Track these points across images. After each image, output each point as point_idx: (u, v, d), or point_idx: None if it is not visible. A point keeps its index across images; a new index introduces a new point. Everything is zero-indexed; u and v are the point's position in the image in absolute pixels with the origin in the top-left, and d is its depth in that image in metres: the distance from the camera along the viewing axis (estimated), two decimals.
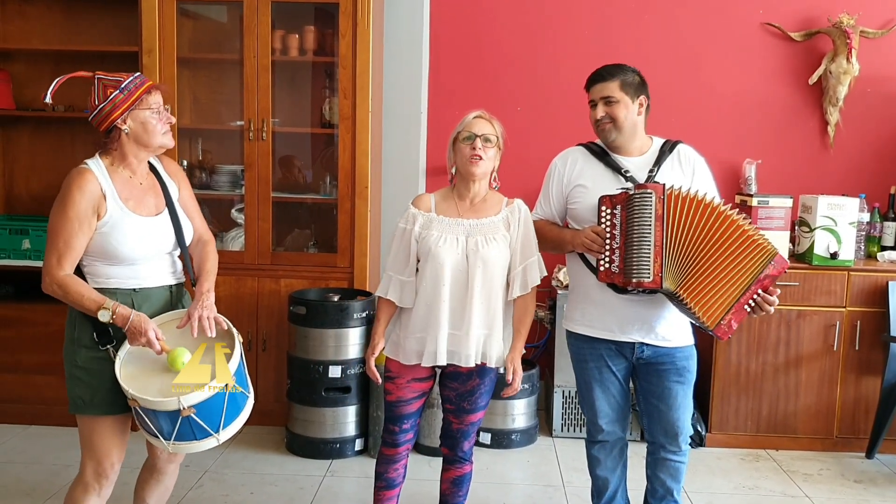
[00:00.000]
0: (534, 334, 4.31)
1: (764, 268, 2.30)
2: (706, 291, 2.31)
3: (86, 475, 2.30)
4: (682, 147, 2.54)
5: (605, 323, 2.51)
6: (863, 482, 3.54)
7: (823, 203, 3.74)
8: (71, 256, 2.20)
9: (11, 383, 3.86)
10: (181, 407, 2.11)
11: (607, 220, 2.37)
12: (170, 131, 2.34)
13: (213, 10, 4.14)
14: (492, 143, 2.46)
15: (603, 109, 2.47)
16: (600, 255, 2.38)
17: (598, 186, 2.46)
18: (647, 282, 2.30)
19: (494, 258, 2.43)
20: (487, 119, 2.50)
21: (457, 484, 2.63)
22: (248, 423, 3.98)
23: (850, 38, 3.97)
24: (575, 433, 3.94)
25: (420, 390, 2.52)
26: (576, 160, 2.59)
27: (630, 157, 2.51)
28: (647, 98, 2.51)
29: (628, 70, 2.50)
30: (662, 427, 2.58)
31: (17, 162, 4.20)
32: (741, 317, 2.34)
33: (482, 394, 2.54)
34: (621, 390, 2.60)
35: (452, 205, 2.50)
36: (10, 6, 4.10)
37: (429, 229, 2.45)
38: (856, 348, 3.77)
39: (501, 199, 2.54)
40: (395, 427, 2.55)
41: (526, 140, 4.29)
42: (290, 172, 4.13)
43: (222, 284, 3.84)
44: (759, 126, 4.20)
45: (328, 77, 4.04)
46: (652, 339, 2.49)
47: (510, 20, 4.24)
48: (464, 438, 2.59)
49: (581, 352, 2.61)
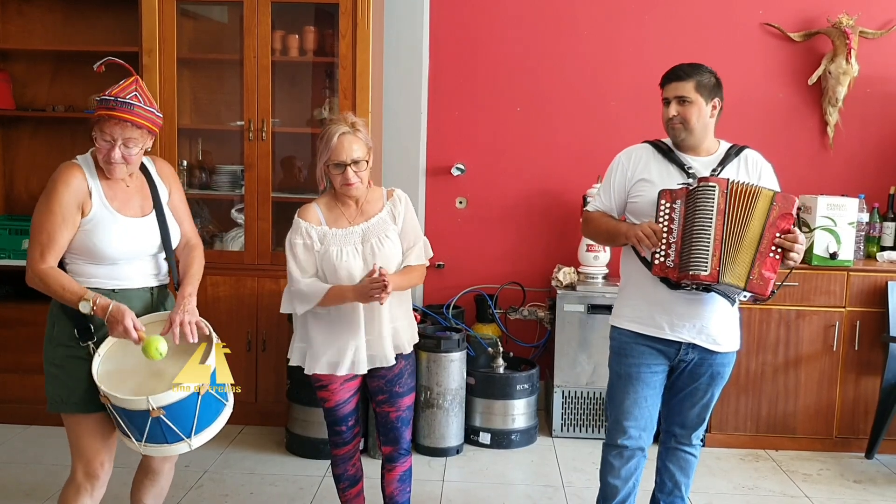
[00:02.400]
0: (533, 334, 4.32)
1: (768, 209, 2.29)
2: (740, 264, 2.30)
3: (77, 476, 2.28)
4: (749, 151, 2.53)
5: (655, 320, 2.46)
6: (862, 482, 3.54)
7: (823, 203, 3.74)
8: (54, 250, 2.18)
9: (11, 383, 3.87)
10: (150, 407, 2.09)
11: (666, 214, 2.35)
12: (119, 167, 2.20)
13: (214, 11, 4.14)
14: (363, 165, 2.41)
15: (675, 109, 2.43)
16: (656, 250, 2.35)
17: (662, 182, 2.44)
18: (704, 275, 2.27)
19: (392, 255, 2.46)
20: (352, 132, 2.41)
21: (403, 480, 2.63)
22: (248, 423, 3.99)
23: (849, 39, 3.97)
24: (575, 433, 3.94)
25: (354, 387, 2.56)
26: (640, 156, 2.54)
27: (697, 156, 2.48)
28: (721, 101, 2.47)
29: (705, 70, 2.46)
30: (681, 419, 2.57)
31: (16, 162, 4.20)
32: (772, 266, 2.29)
33: (409, 373, 2.58)
34: (655, 397, 2.54)
35: (339, 213, 2.48)
36: (10, 6, 4.10)
37: (326, 244, 2.43)
38: (855, 348, 3.77)
39: (381, 191, 2.55)
40: (342, 427, 2.59)
41: (525, 141, 4.30)
42: (290, 172, 4.13)
43: (222, 285, 3.85)
44: (758, 126, 4.19)
45: (328, 77, 4.04)
46: (702, 340, 2.44)
47: (510, 20, 4.25)
48: (404, 427, 2.59)
49: (624, 346, 2.54)
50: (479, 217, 4.37)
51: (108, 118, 2.16)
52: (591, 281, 3.97)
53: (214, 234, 4.07)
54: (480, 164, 4.33)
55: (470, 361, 3.81)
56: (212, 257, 3.86)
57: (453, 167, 4.30)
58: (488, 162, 4.33)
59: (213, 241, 4.04)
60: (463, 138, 4.31)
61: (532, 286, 4.31)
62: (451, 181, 4.32)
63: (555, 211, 4.31)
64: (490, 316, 4.20)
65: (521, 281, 4.28)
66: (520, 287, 4.29)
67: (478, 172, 4.34)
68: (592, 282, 3.97)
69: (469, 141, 4.31)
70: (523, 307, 4.20)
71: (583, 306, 3.86)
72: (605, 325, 3.83)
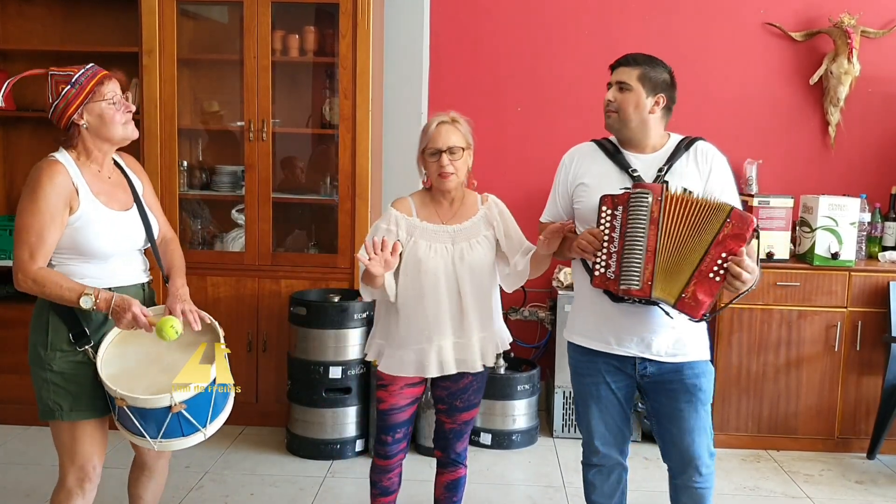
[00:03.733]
0: (534, 335, 4.31)
1: (720, 226, 2.08)
2: (677, 277, 2.12)
3: (67, 482, 2.23)
4: (701, 144, 2.34)
5: (602, 334, 2.31)
6: (864, 483, 3.53)
7: (824, 203, 3.73)
8: (43, 251, 2.11)
9: (11, 384, 3.85)
10: (172, 403, 2.09)
11: (607, 221, 2.19)
12: (131, 122, 2.24)
13: (214, 11, 4.13)
14: (459, 155, 2.38)
15: (613, 94, 2.29)
16: (596, 259, 2.20)
17: (601, 185, 2.27)
18: (636, 290, 2.13)
19: (480, 262, 2.42)
20: (451, 123, 2.39)
21: (451, 489, 2.59)
22: (249, 423, 3.99)
23: (851, 38, 3.96)
24: (576, 434, 3.93)
25: (413, 396, 2.49)
26: (583, 156, 2.40)
27: (643, 153, 2.32)
28: (667, 99, 2.29)
29: (658, 64, 2.30)
30: (678, 453, 2.34)
31: (17, 162, 4.20)
32: (709, 288, 2.08)
33: (475, 391, 2.51)
34: (620, 412, 2.38)
35: (432, 210, 2.45)
36: (9, 6, 4.10)
37: (415, 237, 2.39)
38: (857, 349, 3.76)
39: (476, 196, 2.52)
40: (388, 437, 2.50)
41: (526, 140, 4.29)
42: (290, 173, 4.12)
43: (223, 285, 3.85)
44: (759, 126, 4.19)
45: (328, 77, 4.04)
46: (652, 355, 2.27)
47: (510, 20, 4.24)
48: (457, 439, 2.55)
49: (578, 365, 2.41)
50: None
51: (106, 79, 2.19)
52: None
53: (215, 235, 4.07)
54: (480, 164, 4.24)
55: None
56: (212, 258, 3.88)
57: None
58: (488, 162, 4.31)
59: (214, 242, 4.04)
60: None
61: (533, 287, 4.28)
62: None
63: None
64: None
65: None
66: (521, 287, 4.27)
67: (478, 172, 4.27)
68: None
69: None
70: (524, 308, 4.19)
71: None
72: None
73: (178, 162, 3.84)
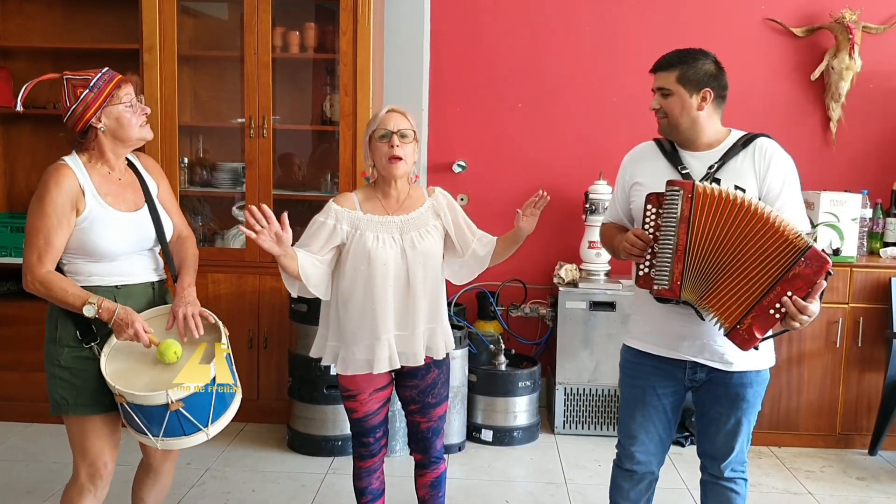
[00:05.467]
0: (535, 331, 4.31)
1: (792, 264, 1.96)
2: (726, 295, 2.03)
3: (80, 478, 2.26)
4: (761, 141, 2.21)
5: (655, 337, 2.24)
6: (865, 479, 3.53)
7: (826, 199, 3.73)
8: (51, 253, 2.16)
9: (13, 381, 3.86)
10: (169, 401, 2.10)
11: (651, 220, 2.12)
12: (147, 123, 2.30)
13: (214, 8, 4.13)
14: (409, 139, 2.36)
15: (657, 101, 2.22)
16: (641, 259, 2.14)
17: (654, 184, 2.17)
18: (665, 290, 2.06)
19: (434, 251, 2.40)
20: (401, 113, 2.40)
21: (435, 486, 2.57)
22: (250, 420, 3.99)
23: (852, 34, 3.96)
24: (577, 430, 3.93)
25: (383, 398, 2.47)
26: (641, 156, 2.33)
27: (696, 151, 2.22)
28: (713, 91, 2.19)
29: (697, 58, 2.19)
30: (708, 445, 2.30)
31: (17, 160, 4.20)
32: (767, 323, 1.99)
33: (443, 382, 2.50)
34: (664, 420, 2.30)
35: (377, 204, 2.41)
36: (10, 4, 4.10)
37: (360, 229, 2.35)
38: (858, 345, 3.75)
39: (422, 189, 2.50)
40: (370, 438, 2.47)
41: (527, 137, 4.29)
42: (290, 170, 4.12)
43: (223, 282, 3.84)
44: (760, 122, 4.16)
45: (329, 74, 4.03)
46: (706, 359, 2.18)
47: (511, 17, 4.23)
48: (435, 437, 2.52)
49: (628, 366, 2.34)
50: (480, 214, 4.30)
51: (123, 82, 2.23)
52: (593, 278, 3.96)
53: (216, 232, 4.07)
54: (482, 161, 4.33)
55: (472, 359, 3.81)
56: (213, 255, 3.88)
57: (454, 164, 4.29)
58: (489, 159, 4.32)
59: (215, 239, 4.04)
60: (464, 135, 4.30)
61: (534, 283, 4.30)
62: (453, 178, 4.31)
63: (556, 208, 4.28)
64: (492, 313, 4.19)
65: (522, 278, 4.27)
66: (521, 284, 4.28)
67: (479, 169, 4.33)
68: (594, 279, 3.96)
69: (470, 138, 4.30)
70: (525, 304, 4.19)
71: (585, 303, 3.86)
72: (607, 322, 3.87)
73: (178, 159, 3.84)
